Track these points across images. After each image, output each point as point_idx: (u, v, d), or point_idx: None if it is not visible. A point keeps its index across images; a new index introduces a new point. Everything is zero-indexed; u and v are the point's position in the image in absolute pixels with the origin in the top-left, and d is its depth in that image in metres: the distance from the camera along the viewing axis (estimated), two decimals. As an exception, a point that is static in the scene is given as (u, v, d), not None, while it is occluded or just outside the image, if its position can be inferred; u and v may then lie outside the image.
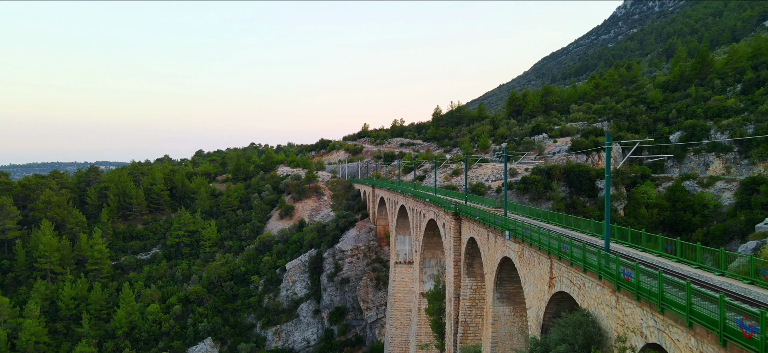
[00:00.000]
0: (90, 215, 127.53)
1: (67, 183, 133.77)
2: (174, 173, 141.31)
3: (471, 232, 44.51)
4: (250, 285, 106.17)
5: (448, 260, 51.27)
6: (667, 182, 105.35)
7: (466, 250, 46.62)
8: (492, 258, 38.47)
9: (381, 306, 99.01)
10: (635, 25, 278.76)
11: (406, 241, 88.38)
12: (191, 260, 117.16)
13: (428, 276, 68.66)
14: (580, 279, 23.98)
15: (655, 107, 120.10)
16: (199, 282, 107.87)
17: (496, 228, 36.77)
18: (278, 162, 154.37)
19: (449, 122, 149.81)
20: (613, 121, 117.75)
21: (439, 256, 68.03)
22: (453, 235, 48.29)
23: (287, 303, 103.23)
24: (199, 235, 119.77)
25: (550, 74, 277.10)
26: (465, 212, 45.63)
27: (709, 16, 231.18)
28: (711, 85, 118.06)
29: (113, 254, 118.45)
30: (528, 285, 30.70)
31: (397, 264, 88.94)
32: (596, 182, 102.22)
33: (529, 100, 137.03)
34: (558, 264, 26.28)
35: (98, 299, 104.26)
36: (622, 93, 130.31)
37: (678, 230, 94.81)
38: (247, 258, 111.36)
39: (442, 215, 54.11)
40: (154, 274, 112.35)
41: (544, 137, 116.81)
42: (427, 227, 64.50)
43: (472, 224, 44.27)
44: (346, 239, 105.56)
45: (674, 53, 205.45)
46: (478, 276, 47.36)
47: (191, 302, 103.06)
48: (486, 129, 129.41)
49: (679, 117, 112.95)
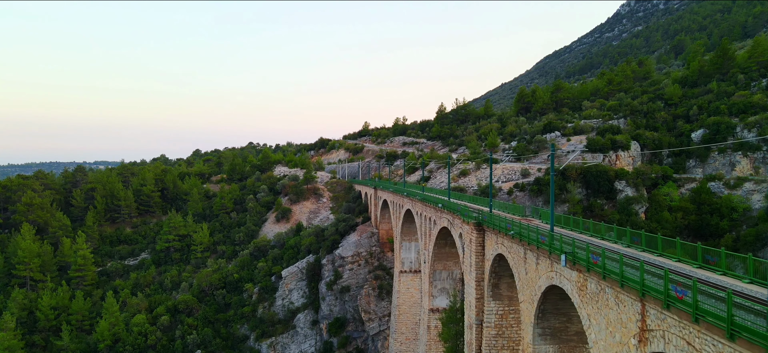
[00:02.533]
0: (75, 218, 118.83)
1: (53, 184, 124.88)
2: (165, 174, 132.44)
3: (499, 247, 35.95)
4: (244, 294, 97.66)
5: (467, 278, 42.69)
6: (690, 183, 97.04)
7: (492, 268, 38.08)
8: (532, 284, 29.98)
9: (384, 317, 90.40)
10: (640, 23, 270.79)
11: (412, 248, 79.79)
12: (181, 266, 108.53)
13: (439, 290, 60.09)
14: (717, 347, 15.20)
15: (673, 103, 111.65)
16: (189, 290, 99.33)
17: (539, 247, 28.23)
18: (275, 162, 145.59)
19: (454, 120, 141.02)
20: (629, 118, 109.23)
21: (451, 268, 59.45)
22: (475, 250, 39.74)
23: (283, 313, 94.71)
24: (190, 239, 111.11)
25: (553, 73, 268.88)
26: (492, 223, 37.05)
27: (717, 12, 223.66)
28: (734, 80, 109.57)
29: (98, 259, 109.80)
30: (596, 331, 22.14)
31: (402, 273, 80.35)
32: (615, 183, 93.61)
33: (539, 96, 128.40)
34: (659, 313, 17.67)
35: (80, 309, 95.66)
36: (637, 89, 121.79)
37: (704, 236, 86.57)
38: (240, 264, 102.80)
39: (460, 224, 45.55)
40: (141, 281, 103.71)
41: (556, 136, 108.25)
42: (439, 236, 55.94)
43: (501, 239, 35.73)
44: (347, 244, 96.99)
45: (683, 50, 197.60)
46: (505, 298, 38.82)
47: (180, 312, 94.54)
48: (494, 127, 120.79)
49: (701, 114, 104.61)
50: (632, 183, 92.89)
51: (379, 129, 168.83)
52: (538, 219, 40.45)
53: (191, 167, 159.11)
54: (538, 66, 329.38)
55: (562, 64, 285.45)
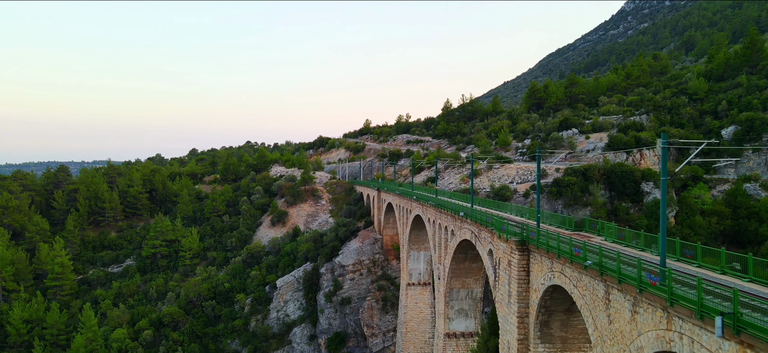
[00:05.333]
0: (56, 222, 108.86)
1: (33, 186, 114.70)
2: (154, 174, 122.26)
3: (556, 277, 26.14)
4: (235, 305, 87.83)
5: (503, 310, 32.82)
6: (721, 184, 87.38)
7: (542, 302, 28.27)
8: (622, 339, 20.19)
9: (389, 332, 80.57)
10: (645, 20, 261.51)
11: (421, 258, 69.97)
12: (168, 274, 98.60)
13: (457, 311, 50.25)
14: None
15: (698, 98, 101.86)
16: (175, 301, 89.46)
17: (643, 290, 18.44)
18: (272, 161, 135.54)
19: (461, 117, 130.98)
20: (652, 114, 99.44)
21: (471, 286, 49.61)
22: (517, 275, 29.91)
23: (278, 326, 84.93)
24: (178, 245, 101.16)
25: (557, 70, 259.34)
26: (544, 243, 27.20)
27: (727, 7, 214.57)
28: (765, 73, 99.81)
29: (79, 267, 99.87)
30: None
31: (409, 286, 70.55)
32: (641, 184, 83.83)
33: (552, 92, 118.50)
34: None
35: (56, 322, 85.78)
36: (658, 84, 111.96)
37: (742, 243, 77.03)
38: (232, 273, 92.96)
39: (489, 239, 35.73)
40: (124, 291, 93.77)
41: (574, 133, 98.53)
42: (458, 249, 46.11)
43: (558, 265, 25.92)
44: (347, 251, 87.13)
45: (694, 46, 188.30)
46: (558, 340, 29.01)
47: (165, 325, 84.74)
48: (504, 124, 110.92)
49: (731, 109, 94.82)
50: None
51: (381, 127, 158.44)
52: (596, 236, 30.63)
53: (184, 167, 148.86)
54: (540, 64, 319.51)
55: (566, 61, 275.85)
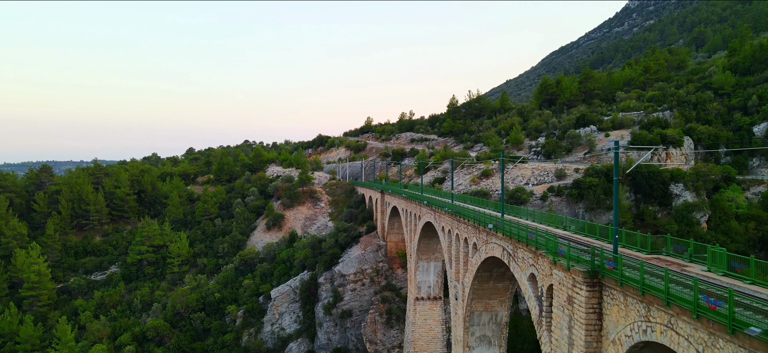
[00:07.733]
0: (37, 226, 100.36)
1: (13, 187, 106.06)
2: (143, 174, 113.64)
3: (659, 332, 17.75)
4: (226, 318, 79.42)
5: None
6: (756, 185, 79.05)
7: (624, 359, 19.84)
8: None
9: (394, 349, 72.12)
10: (651, 17, 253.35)
11: (431, 270, 61.61)
12: (155, 282, 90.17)
13: (478, 338, 41.86)
14: None
15: (725, 93, 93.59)
16: (161, 312, 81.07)
17: None
18: (269, 161, 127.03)
19: (467, 115, 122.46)
20: (676, 110, 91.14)
21: (495, 309, 41.21)
22: (584, 319, 21.53)
23: (272, 341, 76.60)
24: (166, 251, 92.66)
25: (561, 68, 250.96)
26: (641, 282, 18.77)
27: (736, 3, 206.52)
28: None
29: (59, 274, 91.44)
30: None
31: (418, 301, 62.15)
32: (670, 186, 75.41)
33: (565, 87, 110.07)
34: None
35: (30, 336, 77.33)
36: (680, 78, 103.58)
37: (783, 250, 69.09)
38: (223, 282, 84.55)
39: (532, 260, 27.34)
40: (106, 301, 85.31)
41: (592, 130, 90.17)
42: (482, 267, 37.74)
43: (660, 313, 17.54)
44: (348, 259, 78.72)
45: (704, 42, 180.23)
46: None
47: (149, 340, 76.41)
48: (515, 121, 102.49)
49: (762, 104, 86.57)
50: (691, 186, 74.61)
51: (384, 125, 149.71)
52: (687, 262, 22.21)
53: (176, 167, 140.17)
54: (544, 62, 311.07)
55: (570, 59, 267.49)
